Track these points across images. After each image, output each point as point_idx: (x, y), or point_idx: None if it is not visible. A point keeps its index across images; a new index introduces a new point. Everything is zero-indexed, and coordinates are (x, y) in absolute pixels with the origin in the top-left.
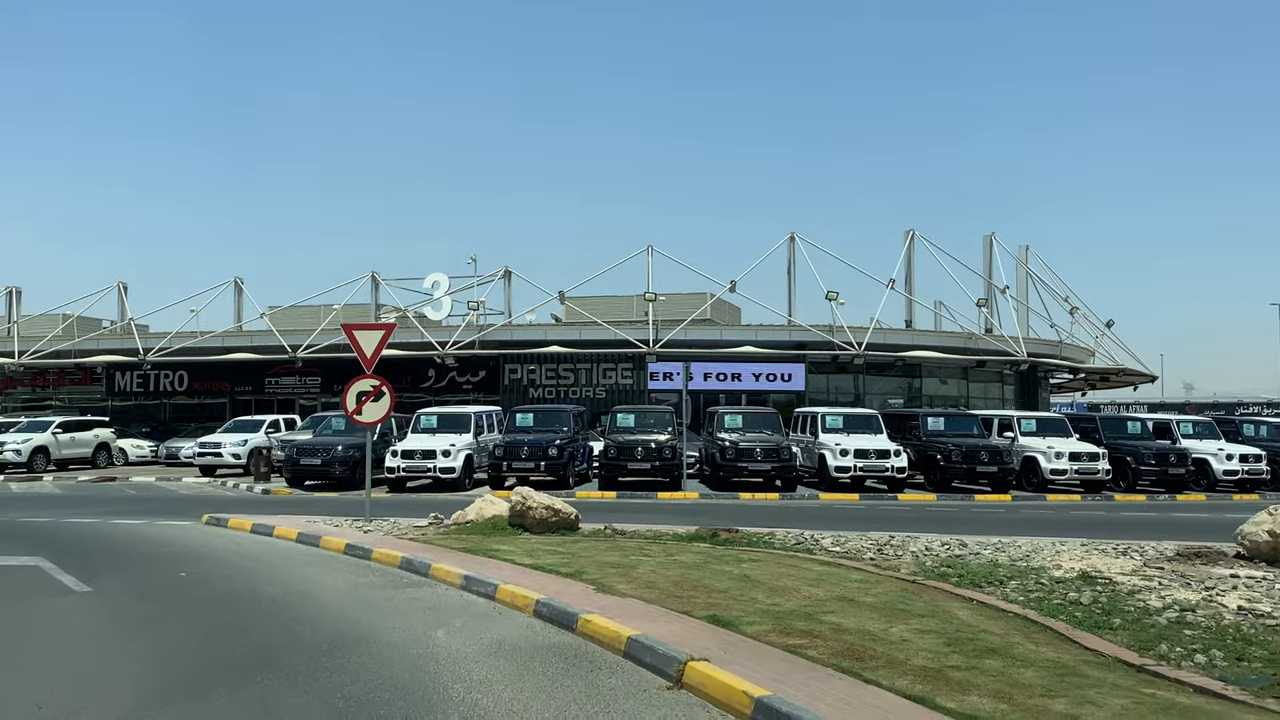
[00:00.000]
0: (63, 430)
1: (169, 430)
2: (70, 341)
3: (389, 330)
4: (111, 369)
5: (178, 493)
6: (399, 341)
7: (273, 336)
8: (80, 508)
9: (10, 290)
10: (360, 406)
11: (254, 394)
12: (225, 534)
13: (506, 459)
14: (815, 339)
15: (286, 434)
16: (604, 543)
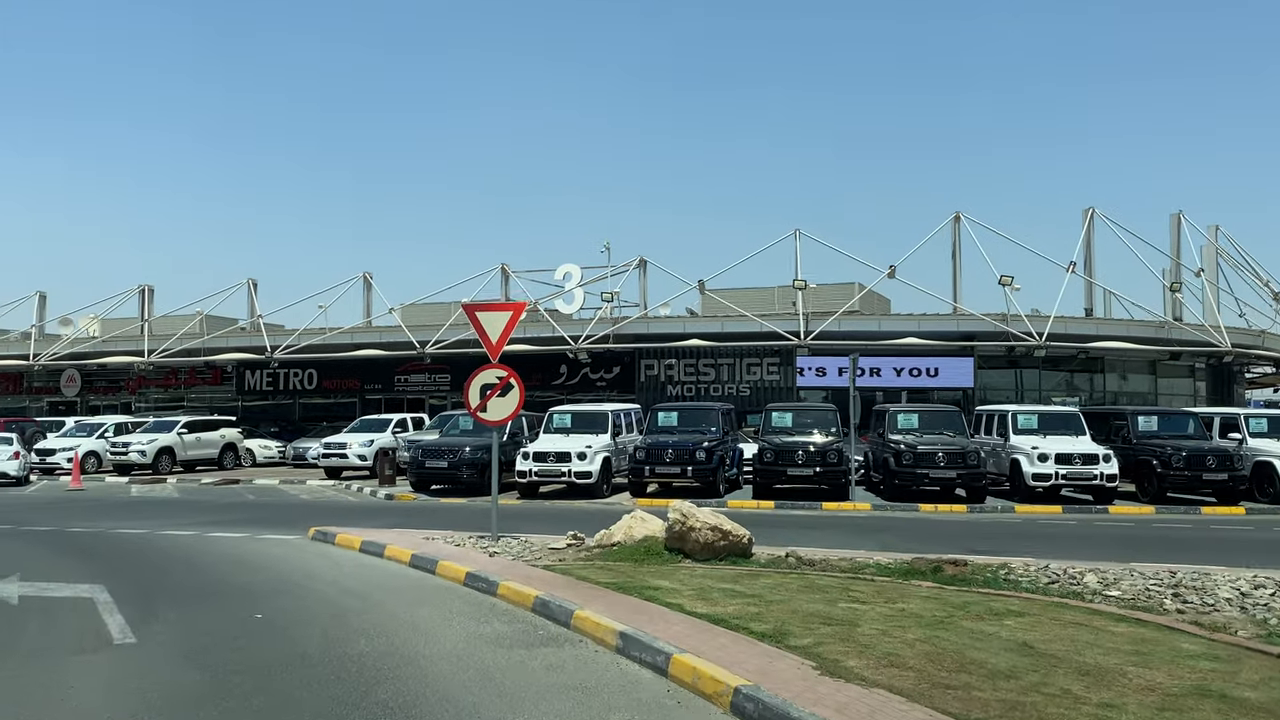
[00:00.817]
0: (188, 431)
1: (298, 430)
2: (200, 340)
3: (518, 311)
4: (241, 367)
5: (297, 498)
6: (530, 336)
7: (401, 333)
8: (187, 516)
9: (143, 289)
10: (485, 402)
11: (383, 392)
12: (330, 553)
13: (649, 462)
14: (987, 329)
15: (413, 434)
16: (792, 578)
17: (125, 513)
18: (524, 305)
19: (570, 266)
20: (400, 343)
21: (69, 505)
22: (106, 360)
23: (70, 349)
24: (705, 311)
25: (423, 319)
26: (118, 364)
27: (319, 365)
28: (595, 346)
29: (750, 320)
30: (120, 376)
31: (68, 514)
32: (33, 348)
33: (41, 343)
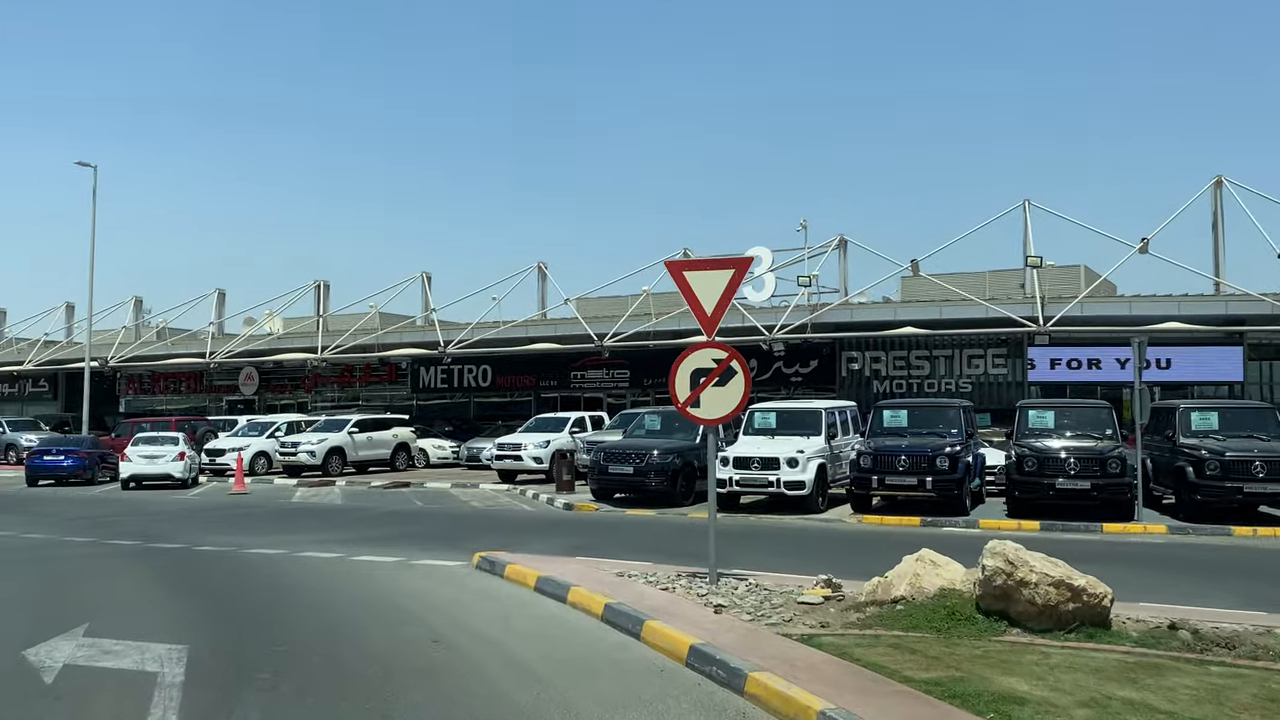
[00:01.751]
0: (359, 430)
1: (471, 429)
2: (373, 335)
3: (741, 269)
4: (415, 364)
5: (467, 505)
6: None
7: (578, 325)
8: (341, 529)
9: (318, 284)
10: (697, 393)
11: (559, 389)
12: (497, 593)
13: (876, 471)
14: (1264, 312)
15: (593, 434)
16: (1224, 676)
17: (275, 524)
18: (748, 260)
19: (759, 249)
20: (577, 335)
21: (219, 514)
22: (282, 357)
23: (246, 346)
24: (906, 297)
25: (598, 312)
26: (293, 361)
27: (493, 361)
28: (791, 337)
29: (974, 305)
30: (296, 374)
31: (210, 526)
32: (210, 345)
33: (219, 341)
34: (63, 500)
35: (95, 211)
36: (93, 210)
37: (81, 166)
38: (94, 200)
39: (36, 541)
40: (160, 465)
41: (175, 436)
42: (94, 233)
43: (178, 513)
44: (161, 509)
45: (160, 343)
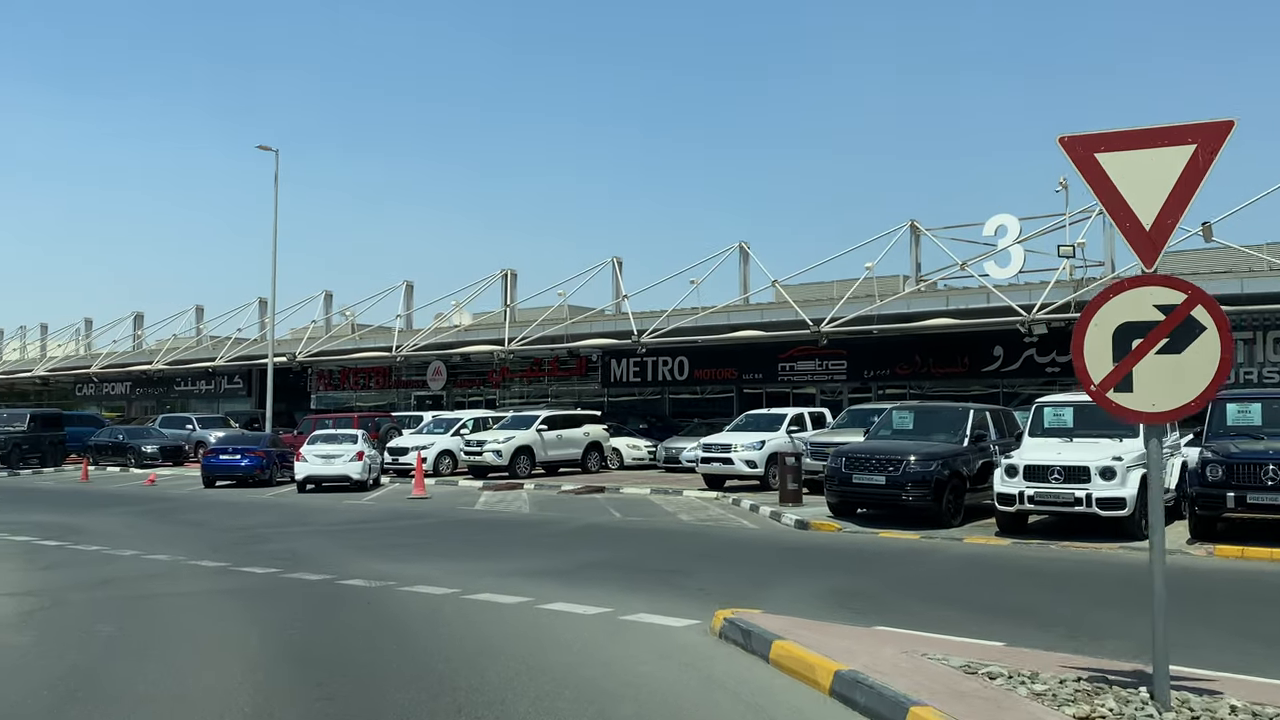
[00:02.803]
0: (549, 427)
1: (668, 427)
2: (562, 325)
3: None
4: (606, 356)
5: (675, 517)
6: (951, 309)
7: (787, 310)
8: (526, 553)
9: (505, 273)
10: (1126, 367)
11: (764, 383)
12: (772, 708)
13: (1237, 485)
14: None
15: (816, 434)
16: None
17: (449, 543)
18: (1224, 126)
19: (1004, 218)
20: (786, 322)
21: (389, 526)
22: (469, 349)
23: (433, 339)
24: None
25: (805, 297)
26: (480, 354)
27: (690, 352)
28: (1053, 317)
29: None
30: (483, 369)
31: (373, 544)
32: (396, 339)
33: (407, 334)
34: (226, 506)
35: (278, 196)
36: (275, 195)
37: (263, 151)
38: (276, 185)
39: (155, 567)
40: (336, 466)
41: (353, 434)
42: (276, 218)
43: (342, 524)
44: (327, 519)
45: (348, 336)
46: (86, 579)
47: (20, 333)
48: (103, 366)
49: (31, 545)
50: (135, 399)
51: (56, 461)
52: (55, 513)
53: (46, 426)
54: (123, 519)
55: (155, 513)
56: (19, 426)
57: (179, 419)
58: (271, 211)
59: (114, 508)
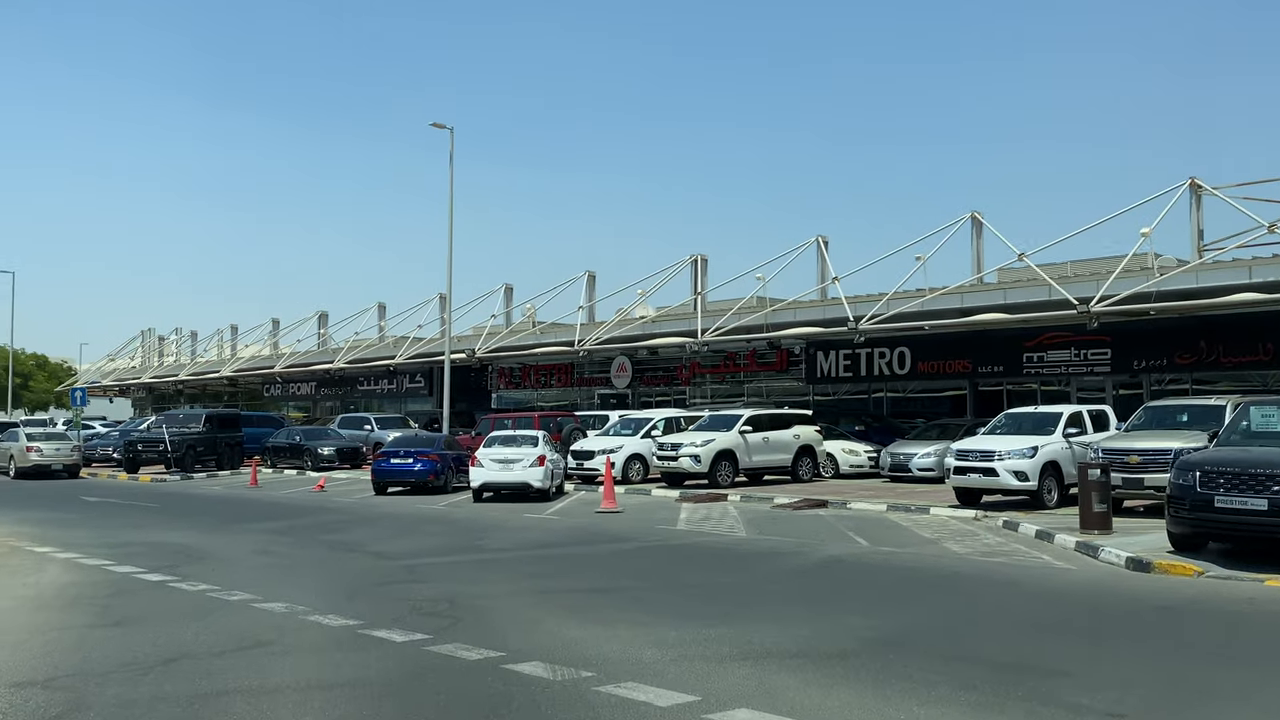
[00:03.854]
0: (753, 428)
1: (888, 429)
2: (760, 314)
3: None
4: (812, 348)
5: (942, 548)
6: (1256, 282)
7: (1037, 288)
8: (768, 612)
9: (694, 259)
10: None
11: (1003, 376)
12: None
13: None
14: None
15: (1107, 438)
16: None
17: (658, 581)
18: None
19: None
20: (1037, 303)
21: (575, 558)
22: (657, 342)
23: (616, 332)
24: None
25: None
26: (669, 347)
27: (913, 342)
28: None
29: None
30: (671, 364)
31: (554, 589)
32: (578, 333)
33: (589, 328)
34: (389, 521)
35: (453, 176)
36: (450, 175)
37: (437, 129)
38: (451, 165)
39: (257, 627)
40: (515, 472)
41: (534, 436)
42: (452, 199)
43: (520, 549)
44: (503, 540)
45: (528, 331)
46: (148, 653)
47: (217, 335)
48: (286, 366)
49: (126, 582)
50: (320, 399)
51: (234, 464)
52: (189, 529)
53: (223, 428)
54: (261, 539)
55: (304, 530)
56: (195, 428)
57: (357, 419)
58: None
59: (261, 522)
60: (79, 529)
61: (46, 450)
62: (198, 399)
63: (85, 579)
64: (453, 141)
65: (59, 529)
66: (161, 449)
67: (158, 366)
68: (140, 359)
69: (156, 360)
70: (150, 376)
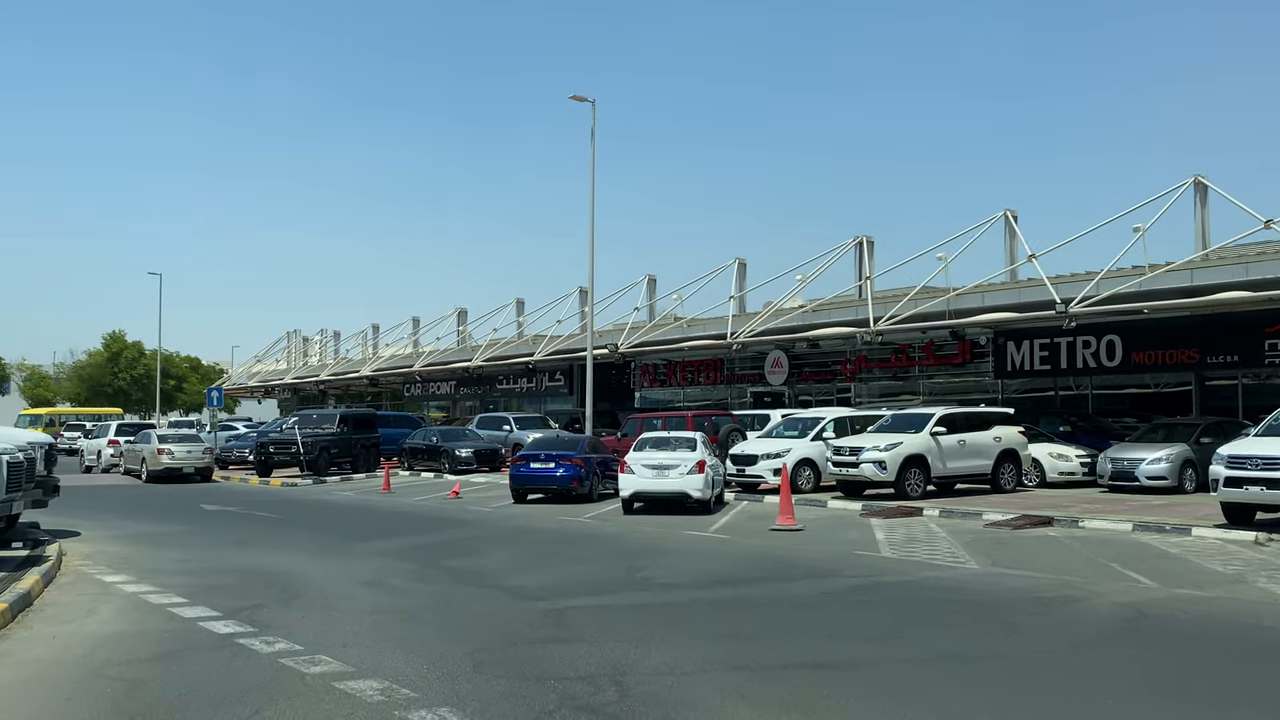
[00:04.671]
0: (946, 429)
1: (1099, 430)
2: (940, 300)
3: None
4: (1002, 337)
5: (1257, 589)
6: None
7: None
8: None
9: (860, 241)
10: None
11: (1240, 366)
12: None
13: None
14: None
15: None
16: None
17: (891, 650)
18: None
19: None
20: None
21: (768, 591)
22: (820, 334)
23: (771, 324)
24: None
25: None
26: (832, 339)
27: (1124, 328)
28: None
29: None
30: (834, 358)
31: (756, 652)
32: (730, 325)
33: (741, 319)
34: (529, 538)
35: (594, 154)
36: (591, 153)
37: (578, 102)
38: (592, 141)
39: None
40: (671, 480)
41: (691, 438)
42: (593, 177)
43: (693, 587)
44: (669, 571)
45: (674, 324)
46: None
47: (360, 335)
48: (425, 365)
49: (185, 635)
50: (459, 398)
51: (370, 466)
52: (298, 549)
53: (359, 429)
54: (377, 564)
55: (430, 551)
56: (329, 429)
57: (496, 419)
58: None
59: (382, 539)
60: (173, 547)
61: (178, 453)
62: (342, 400)
63: (136, 628)
64: (594, 116)
65: (151, 547)
66: (294, 451)
67: (301, 367)
68: (286, 360)
69: (301, 361)
70: (293, 377)
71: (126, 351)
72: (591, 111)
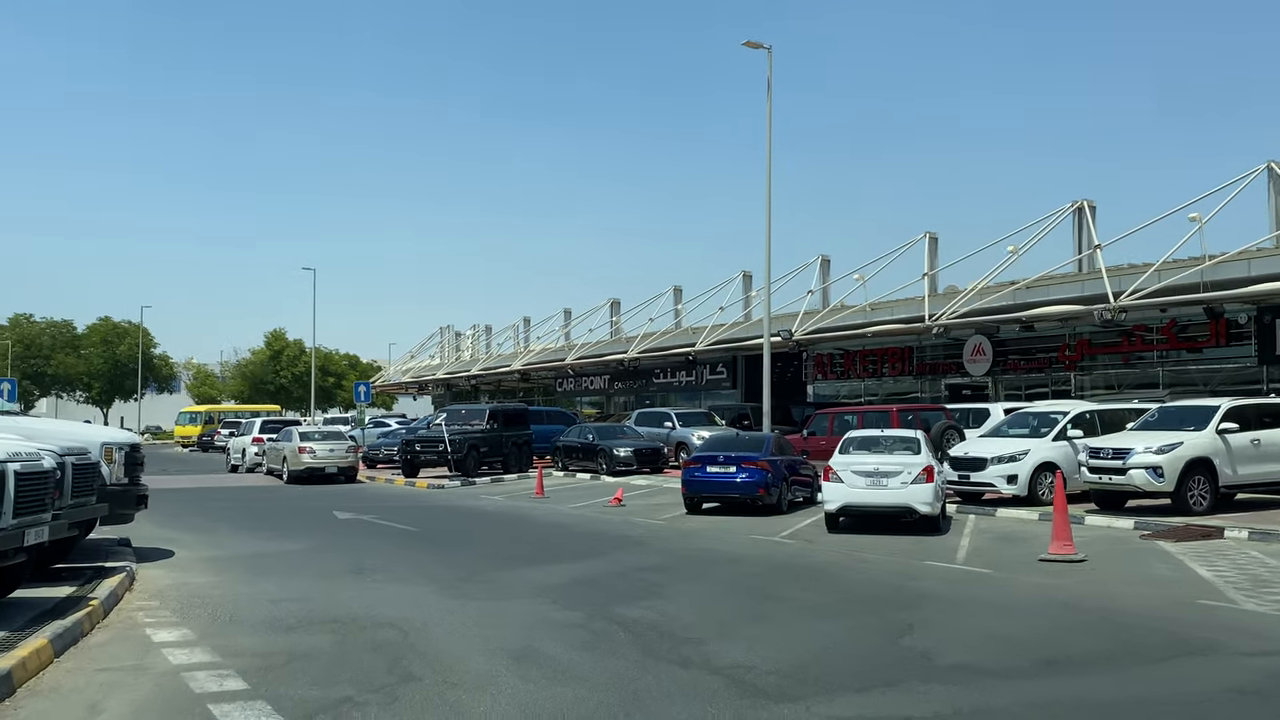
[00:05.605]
0: (1238, 425)
1: None
2: (1193, 270)
3: None
4: (1267, 314)
5: None
6: None
7: None
8: None
9: (1080, 205)
10: None
11: None
12: None
13: None
14: None
15: None
16: None
17: None
18: None
19: None
20: None
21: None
22: (1039, 313)
23: (972, 304)
24: None
25: None
26: (1052, 319)
27: None
28: None
29: None
30: (1047, 343)
31: None
32: (927, 307)
33: (937, 300)
34: (721, 569)
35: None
36: (767, 106)
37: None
38: (769, 94)
39: None
40: (891, 491)
41: (913, 438)
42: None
43: (1007, 680)
44: (948, 646)
45: (856, 309)
46: None
47: (511, 329)
48: (577, 358)
49: None
50: (613, 393)
51: (521, 466)
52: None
53: (510, 425)
54: (527, 610)
55: (596, 589)
56: (478, 425)
57: (656, 415)
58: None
59: (534, 566)
60: (274, 576)
61: (320, 451)
62: (494, 395)
63: None
64: (770, 64)
65: (247, 575)
66: (441, 449)
67: (453, 362)
68: (439, 356)
69: (453, 356)
70: (445, 373)
71: (287, 349)
72: (767, 60)
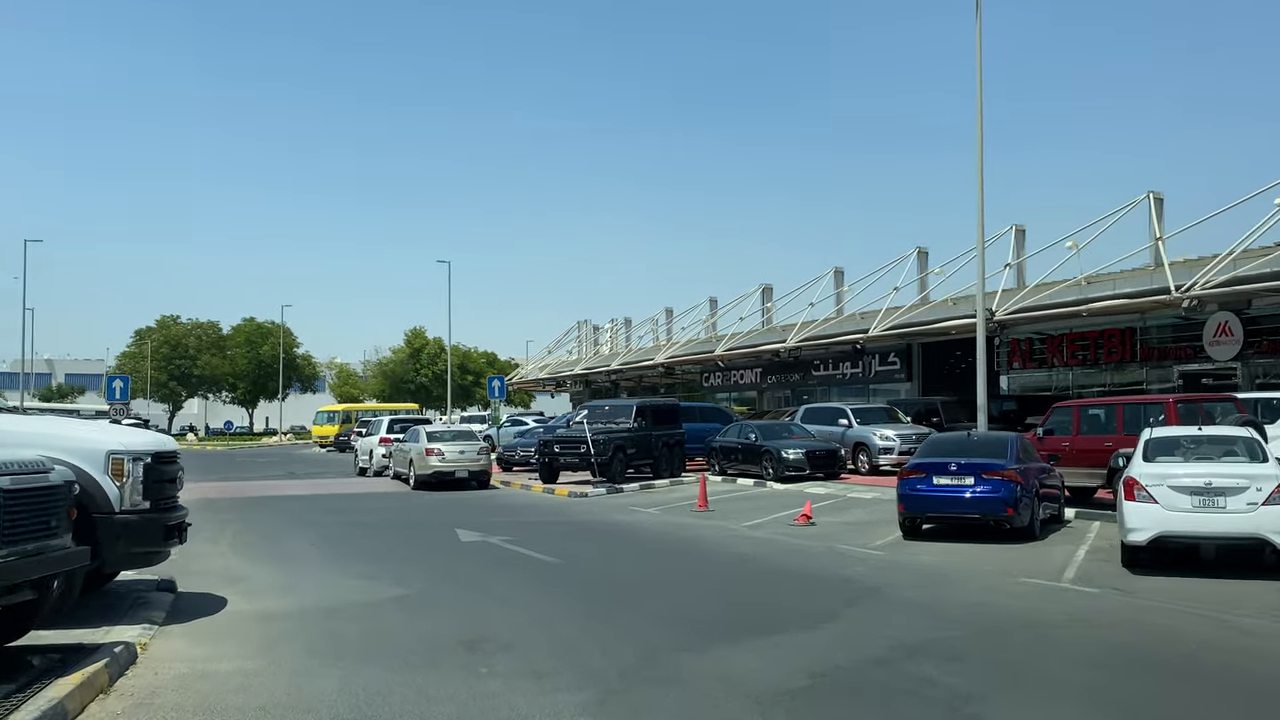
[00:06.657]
0: None
1: None
2: None
3: None
4: None
5: None
6: None
7: None
8: None
9: None
10: None
11: None
12: None
13: None
14: None
15: None
16: None
17: None
18: None
19: None
20: None
21: None
22: None
23: (1220, 271)
24: None
25: None
26: None
27: None
28: None
29: None
30: None
31: None
32: (1170, 276)
33: (1184, 268)
34: (1010, 635)
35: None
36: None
37: None
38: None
39: None
40: (1231, 515)
41: (1248, 439)
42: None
43: None
44: None
45: (1061, 284)
46: None
47: (651, 322)
48: (727, 350)
49: None
50: (765, 388)
51: (673, 470)
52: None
53: (660, 423)
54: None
55: (854, 699)
56: (623, 423)
57: (828, 410)
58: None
59: (729, 648)
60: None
61: (449, 454)
62: (634, 392)
63: None
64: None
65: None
66: (583, 451)
67: (592, 357)
68: (577, 351)
69: (591, 351)
70: (583, 368)
71: (427, 348)
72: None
